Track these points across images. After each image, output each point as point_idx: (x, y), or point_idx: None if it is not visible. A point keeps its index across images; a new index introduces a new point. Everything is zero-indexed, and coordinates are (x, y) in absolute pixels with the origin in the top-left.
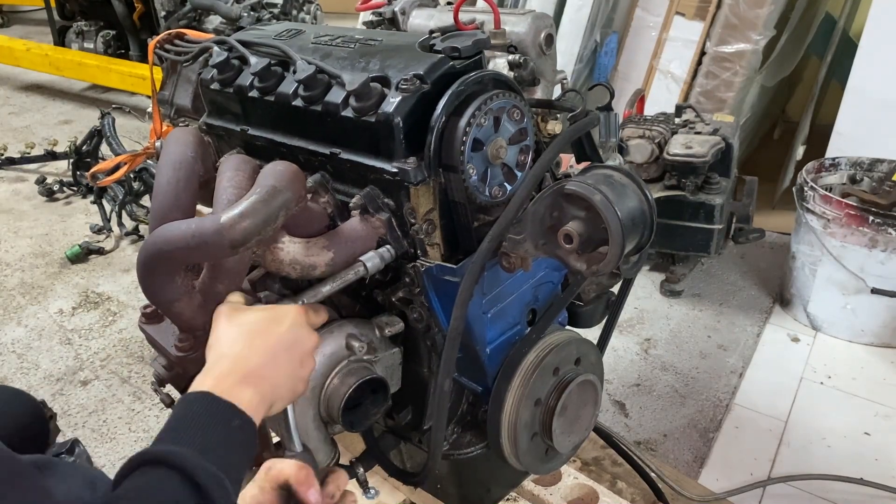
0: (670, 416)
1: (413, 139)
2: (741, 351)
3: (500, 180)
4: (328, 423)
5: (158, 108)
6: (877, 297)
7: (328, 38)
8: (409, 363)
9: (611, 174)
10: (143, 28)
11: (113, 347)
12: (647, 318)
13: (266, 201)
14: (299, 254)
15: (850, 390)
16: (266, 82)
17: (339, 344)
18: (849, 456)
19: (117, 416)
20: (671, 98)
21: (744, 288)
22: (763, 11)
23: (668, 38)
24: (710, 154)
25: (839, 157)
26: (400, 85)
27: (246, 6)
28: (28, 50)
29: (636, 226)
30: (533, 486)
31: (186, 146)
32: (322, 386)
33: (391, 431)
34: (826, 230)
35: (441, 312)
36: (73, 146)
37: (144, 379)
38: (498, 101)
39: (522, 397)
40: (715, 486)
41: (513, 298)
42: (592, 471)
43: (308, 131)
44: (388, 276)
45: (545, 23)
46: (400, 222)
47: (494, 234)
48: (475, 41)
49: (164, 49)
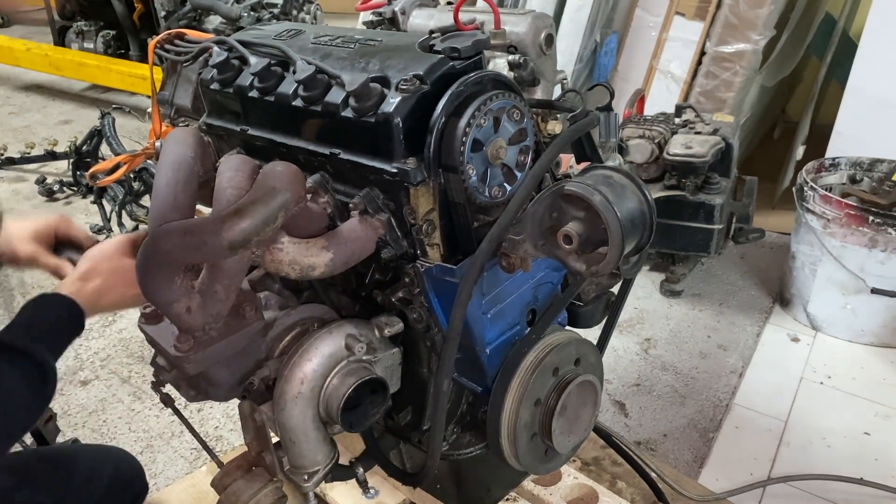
0: (670, 416)
1: (413, 140)
2: (741, 351)
3: (499, 181)
4: (327, 424)
5: (158, 108)
6: (877, 297)
7: (328, 39)
8: (408, 363)
9: (610, 175)
10: (143, 28)
11: (113, 347)
12: (647, 318)
13: (265, 202)
14: (298, 254)
15: (850, 390)
16: (266, 82)
17: (338, 344)
18: (849, 456)
19: (117, 416)
20: (671, 98)
21: (744, 288)
22: (763, 11)
23: (668, 38)
24: (710, 154)
25: (839, 157)
26: (400, 85)
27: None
28: (28, 50)
29: (635, 226)
30: (533, 486)
31: (186, 146)
32: (321, 386)
33: (391, 432)
34: (826, 230)
35: (441, 313)
36: (73, 146)
37: (144, 379)
38: (498, 102)
39: (522, 398)
40: (715, 486)
41: (512, 299)
42: (592, 471)
43: (308, 132)
44: (388, 277)
45: (545, 23)
46: (400, 223)
47: (494, 235)
48: (475, 41)
49: (164, 49)
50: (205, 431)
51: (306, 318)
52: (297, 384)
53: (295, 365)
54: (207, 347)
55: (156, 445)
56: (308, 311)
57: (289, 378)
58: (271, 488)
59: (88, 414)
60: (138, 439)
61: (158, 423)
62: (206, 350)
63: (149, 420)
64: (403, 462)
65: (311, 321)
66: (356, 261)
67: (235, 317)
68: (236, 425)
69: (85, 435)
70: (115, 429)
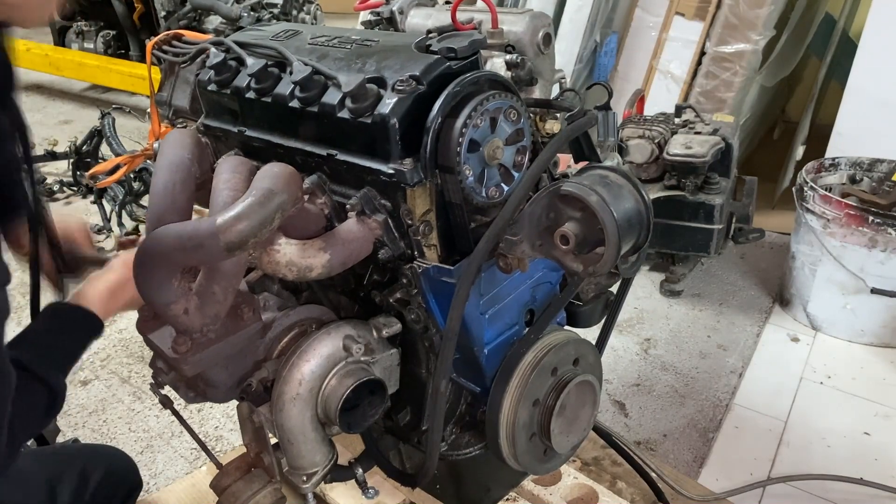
0: (670, 416)
1: (409, 140)
2: (741, 351)
3: (496, 181)
4: (326, 425)
5: (157, 108)
6: (876, 296)
7: (325, 39)
8: (406, 364)
9: (607, 175)
10: (143, 28)
11: (113, 347)
12: (646, 318)
13: (262, 203)
14: (296, 255)
15: (850, 390)
16: (263, 83)
17: (336, 345)
18: (849, 456)
19: (117, 416)
20: (671, 98)
21: (744, 288)
22: (763, 11)
23: (668, 38)
24: (710, 154)
25: (839, 157)
26: (396, 86)
27: (246, 6)
28: (28, 50)
29: (632, 226)
30: (532, 486)
31: (183, 148)
32: (320, 387)
33: (390, 432)
34: (826, 230)
35: (438, 313)
36: (73, 146)
37: (144, 379)
38: (494, 102)
39: (521, 398)
40: (715, 486)
41: (510, 299)
42: (592, 471)
43: (304, 133)
44: (386, 277)
45: (543, 22)
46: (397, 223)
47: (491, 235)
48: (471, 41)
49: (162, 50)
50: (204, 432)
51: (304, 319)
52: (295, 385)
53: (293, 366)
54: (205, 349)
55: (156, 445)
56: (306, 312)
57: (287, 379)
58: (270, 489)
59: (88, 414)
60: (138, 439)
61: (158, 423)
62: (204, 351)
63: (149, 420)
64: (403, 462)
65: (309, 322)
66: (354, 262)
67: (233, 318)
68: (236, 425)
69: (85, 435)
70: (115, 429)
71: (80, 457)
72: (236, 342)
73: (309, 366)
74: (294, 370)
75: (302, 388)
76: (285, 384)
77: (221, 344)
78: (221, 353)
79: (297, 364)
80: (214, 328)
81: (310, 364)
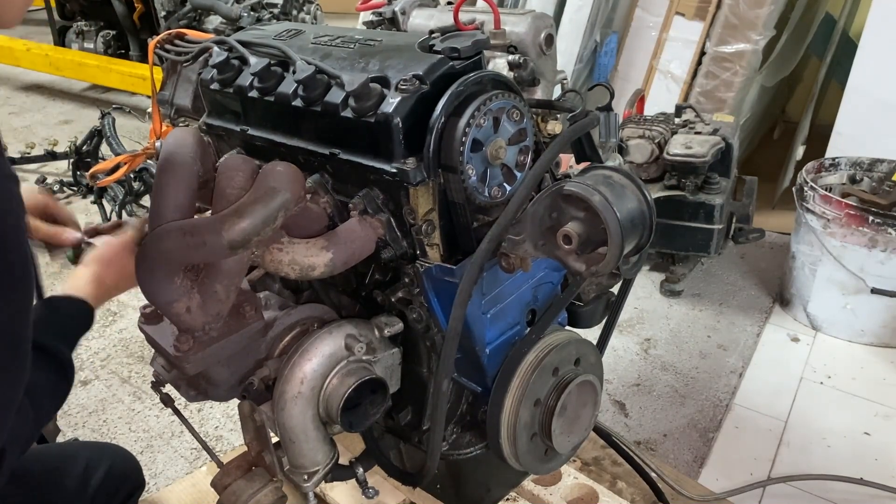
0: (670, 416)
1: (412, 140)
2: (741, 351)
3: (499, 181)
4: (327, 424)
5: (158, 108)
6: (877, 297)
7: (328, 39)
8: (408, 363)
9: (610, 175)
10: (143, 28)
11: (113, 347)
12: (647, 318)
13: (265, 202)
14: (298, 254)
15: (850, 390)
16: (266, 82)
17: (338, 344)
18: (849, 456)
19: (117, 416)
20: (671, 98)
21: (744, 288)
22: (763, 11)
23: (668, 38)
24: (710, 154)
25: (839, 157)
26: (399, 85)
27: (246, 6)
28: (28, 50)
29: (635, 226)
30: (533, 486)
31: (185, 147)
32: (321, 386)
33: (391, 431)
34: (826, 230)
35: (440, 313)
36: (73, 146)
37: (144, 379)
38: (497, 102)
39: (522, 398)
40: (715, 486)
41: (512, 299)
42: (592, 471)
43: (307, 132)
44: (388, 277)
45: (545, 23)
46: (399, 223)
47: (493, 235)
48: (474, 42)
49: (164, 49)
50: (205, 431)
51: (306, 317)
52: (296, 384)
53: (295, 365)
54: (207, 347)
55: (156, 445)
56: (308, 311)
57: (289, 378)
58: (271, 488)
59: (88, 414)
60: (138, 439)
61: (158, 423)
62: (206, 350)
63: (149, 420)
64: (403, 462)
65: (311, 321)
66: (356, 261)
67: (235, 317)
68: (236, 425)
69: (85, 435)
70: (115, 429)
71: (84, 454)
72: (238, 341)
73: (311, 364)
74: (296, 369)
75: (304, 386)
76: (287, 383)
77: (223, 342)
78: (223, 351)
79: (298, 363)
80: (216, 327)
81: (311, 363)
